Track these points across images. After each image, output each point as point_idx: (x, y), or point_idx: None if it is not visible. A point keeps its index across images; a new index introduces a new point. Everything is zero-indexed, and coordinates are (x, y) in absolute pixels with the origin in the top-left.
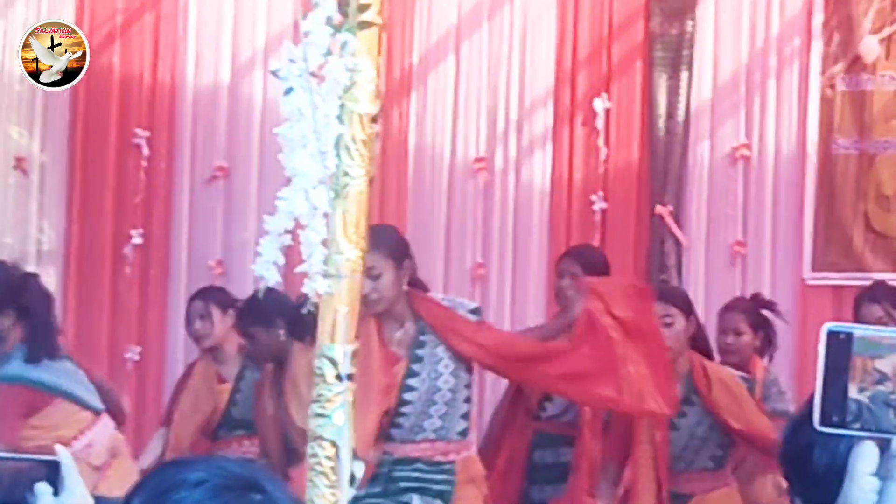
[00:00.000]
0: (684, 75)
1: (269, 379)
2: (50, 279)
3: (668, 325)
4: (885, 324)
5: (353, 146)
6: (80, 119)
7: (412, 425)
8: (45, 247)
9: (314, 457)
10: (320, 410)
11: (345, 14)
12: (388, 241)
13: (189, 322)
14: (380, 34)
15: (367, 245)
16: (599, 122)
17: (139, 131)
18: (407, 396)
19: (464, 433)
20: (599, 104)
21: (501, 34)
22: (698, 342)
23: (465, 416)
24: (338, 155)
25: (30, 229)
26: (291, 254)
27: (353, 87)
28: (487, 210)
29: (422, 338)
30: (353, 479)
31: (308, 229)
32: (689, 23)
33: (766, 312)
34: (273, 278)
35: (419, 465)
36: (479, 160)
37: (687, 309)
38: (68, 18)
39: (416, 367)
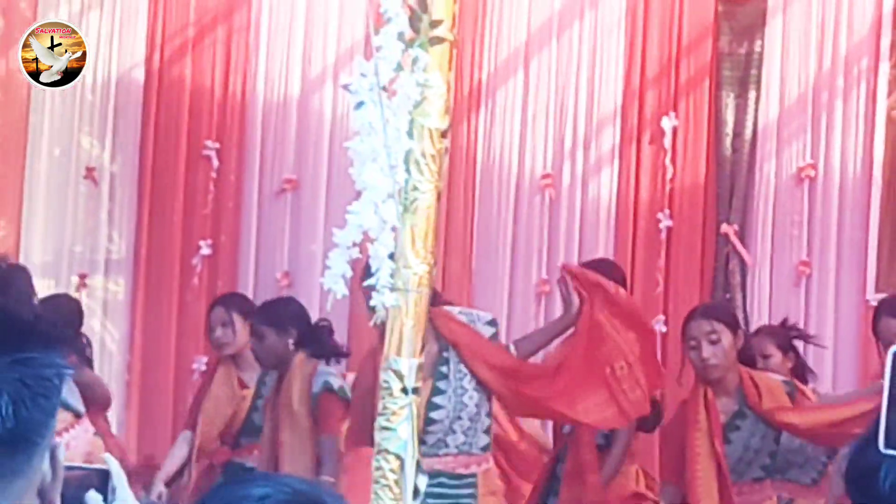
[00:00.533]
0: (752, 94)
1: (272, 394)
2: (118, 288)
3: (714, 342)
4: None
5: (423, 161)
6: (151, 129)
7: (436, 441)
8: (115, 256)
9: (379, 469)
10: (386, 423)
11: (417, 30)
12: None
13: (210, 329)
14: (451, 50)
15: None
16: (666, 141)
17: (209, 143)
18: (433, 415)
19: (486, 448)
20: (667, 122)
21: (570, 51)
22: (745, 355)
23: (487, 431)
24: (407, 169)
25: (99, 239)
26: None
27: (423, 102)
28: (553, 227)
29: (445, 354)
30: (416, 492)
31: (377, 243)
32: (758, 42)
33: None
34: (341, 291)
35: (442, 479)
36: (545, 176)
37: (734, 324)
38: (141, 30)
39: (441, 384)
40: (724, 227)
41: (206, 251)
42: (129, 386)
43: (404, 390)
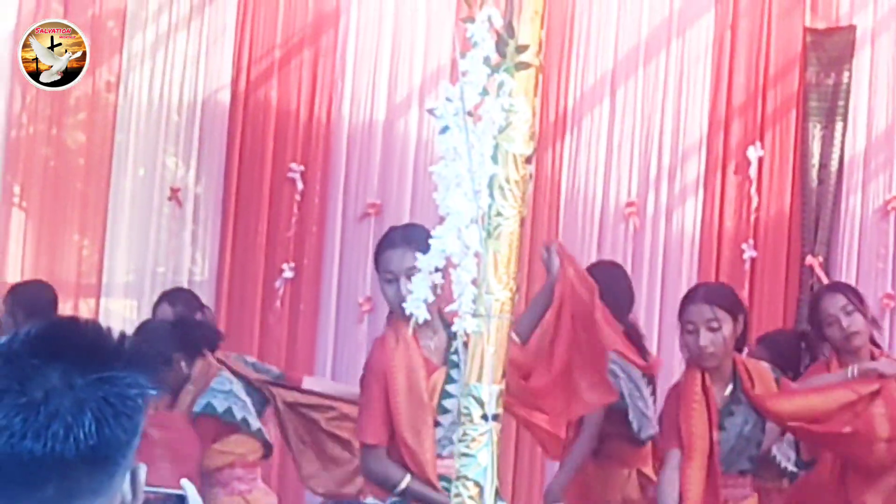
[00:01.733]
0: (839, 126)
1: None
2: None
3: (714, 329)
4: (848, 313)
5: (507, 186)
6: (236, 151)
7: (441, 437)
8: (197, 278)
9: (458, 496)
10: (465, 450)
11: (503, 54)
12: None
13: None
14: (537, 75)
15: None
16: (752, 171)
17: (294, 165)
18: (445, 404)
19: None
20: (752, 153)
21: (657, 80)
22: (739, 340)
23: None
24: (491, 195)
25: (182, 260)
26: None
27: (508, 127)
28: (637, 255)
29: (455, 342)
30: None
31: (459, 268)
32: (846, 73)
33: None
34: (423, 315)
35: (443, 485)
36: (630, 204)
37: (735, 310)
38: (228, 52)
39: (453, 373)
40: (809, 259)
41: (288, 274)
42: None
43: (484, 417)
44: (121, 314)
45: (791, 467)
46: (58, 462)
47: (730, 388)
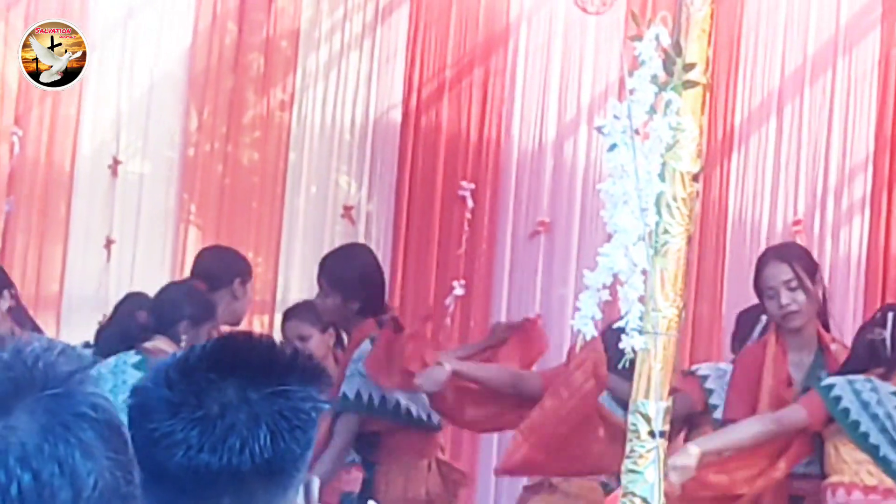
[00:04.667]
0: None
1: None
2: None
3: (794, 288)
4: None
5: (674, 204)
6: (408, 170)
7: None
8: None
9: None
10: (633, 466)
11: (670, 73)
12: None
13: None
14: (704, 94)
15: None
16: None
17: (464, 184)
18: None
19: None
20: None
21: (823, 98)
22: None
23: None
24: (658, 212)
25: None
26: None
27: (675, 145)
28: None
29: None
30: None
31: (627, 286)
32: None
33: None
34: (590, 332)
35: None
36: (797, 223)
37: (811, 268)
38: (399, 71)
39: None
40: None
41: (459, 291)
42: None
43: (651, 433)
44: None
45: None
46: (233, 475)
47: (813, 356)
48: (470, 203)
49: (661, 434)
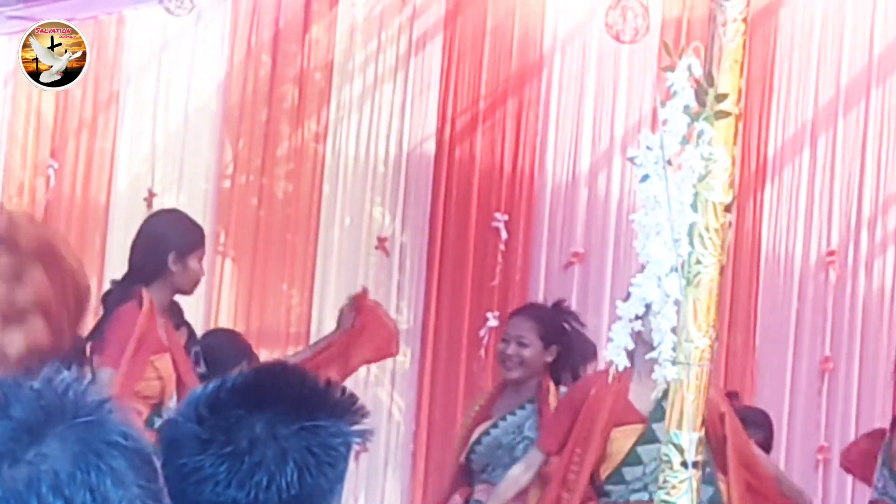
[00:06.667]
0: None
1: None
2: (405, 359)
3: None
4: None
5: (707, 234)
6: (441, 201)
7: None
8: (403, 326)
9: None
10: (666, 497)
11: (702, 103)
12: None
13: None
14: (736, 124)
15: None
16: None
17: (498, 215)
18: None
19: None
20: None
21: (856, 129)
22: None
23: None
24: (691, 243)
25: (389, 308)
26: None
27: (707, 175)
28: (838, 304)
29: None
30: None
31: (659, 316)
32: None
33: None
34: (623, 363)
35: None
36: (830, 253)
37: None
38: (433, 103)
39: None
40: None
41: (493, 323)
42: (415, 457)
43: (684, 464)
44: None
45: None
46: None
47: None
48: (504, 234)
49: (694, 465)
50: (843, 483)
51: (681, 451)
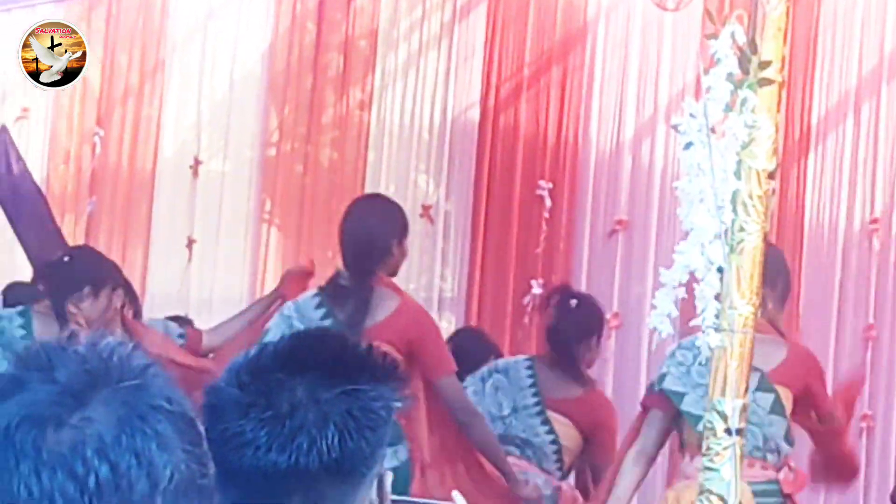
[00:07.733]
0: None
1: None
2: (450, 326)
3: None
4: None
5: (750, 202)
6: (486, 169)
7: None
8: (447, 295)
9: None
10: (710, 464)
11: (746, 71)
12: None
13: None
14: (779, 92)
15: None
16: None
17: (542, 183)
18: None
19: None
20: None
21: None
22: None
23: None
24: (734, 210)
25: (433, 277)
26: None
27: (751, 143)
28: (881, 272)
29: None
30: None
31: (703, 283)
32: None
33: None
34: (667, 330)
35: None
36: (874, 221)
37: None
38: (477, 70)
39: None
40: None
41: (537, 290)
42: None
43: (728, 431)
44: None
45: None
46: (302, 474)
47: None
48: (548, 202)
49: (738, 432)
50: (888, 452)
51: (724, 418)
